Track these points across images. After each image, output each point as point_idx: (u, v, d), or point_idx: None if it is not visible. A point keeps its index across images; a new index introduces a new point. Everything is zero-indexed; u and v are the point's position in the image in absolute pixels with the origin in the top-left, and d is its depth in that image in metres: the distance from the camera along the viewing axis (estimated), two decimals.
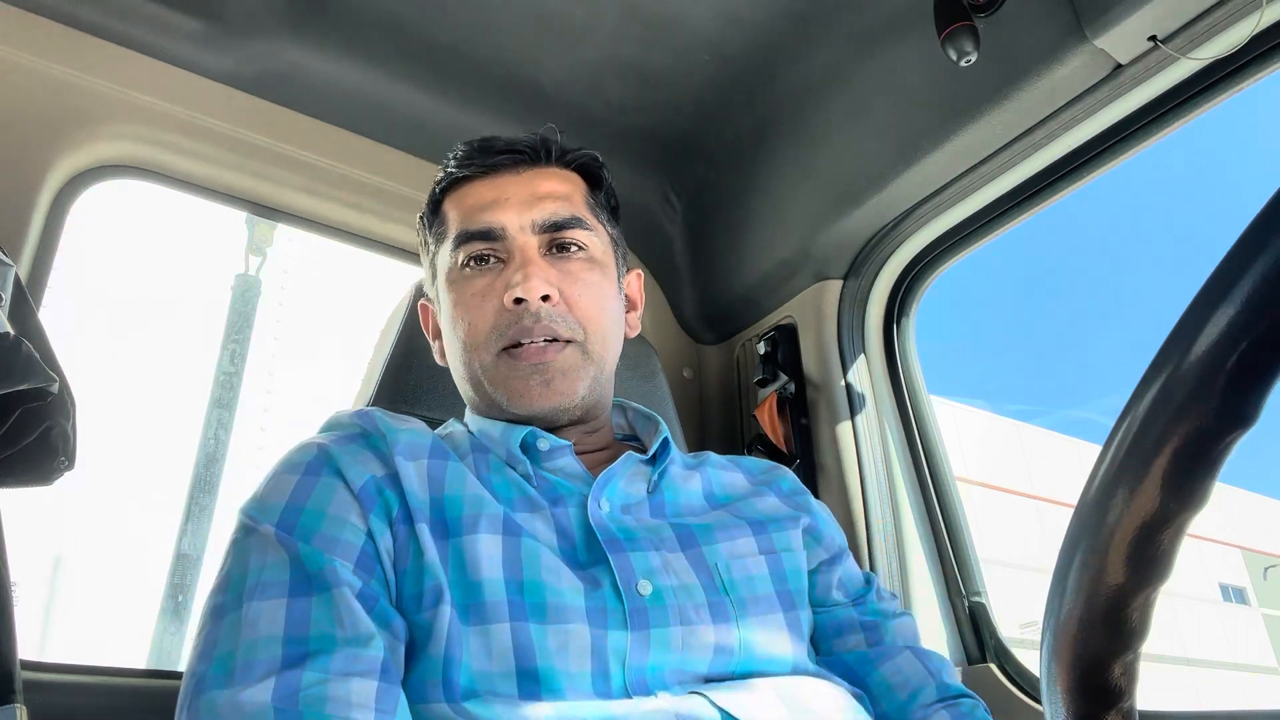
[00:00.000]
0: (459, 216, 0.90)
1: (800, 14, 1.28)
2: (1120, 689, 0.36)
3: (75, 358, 6.95)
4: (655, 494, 0.87)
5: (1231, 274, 0.30)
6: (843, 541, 0.95)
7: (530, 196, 0.89)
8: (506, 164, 0.91)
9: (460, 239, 0.88)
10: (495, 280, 0.86)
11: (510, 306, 0.83)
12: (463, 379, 0.90)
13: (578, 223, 0.89)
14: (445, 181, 0.94)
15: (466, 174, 0.92)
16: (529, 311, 0.83)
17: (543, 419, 0.86)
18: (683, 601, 0.74)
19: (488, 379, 0.86)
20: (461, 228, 0.88)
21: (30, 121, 1.17)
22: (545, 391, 0.83)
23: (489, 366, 0.85)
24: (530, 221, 0.87)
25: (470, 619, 0.69)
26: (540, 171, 0.92)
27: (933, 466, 1.40)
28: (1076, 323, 53.92)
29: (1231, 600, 17.40)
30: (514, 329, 0.83)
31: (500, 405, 0.86)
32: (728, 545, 0.82)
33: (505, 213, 0.87)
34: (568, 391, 0.85)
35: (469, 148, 0.93)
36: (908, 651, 0.86)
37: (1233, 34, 0.96)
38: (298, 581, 0.68)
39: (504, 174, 0.91)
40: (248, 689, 0.61)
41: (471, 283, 0.87)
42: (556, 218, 0.88)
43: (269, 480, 0.76)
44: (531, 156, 0.92)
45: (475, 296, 0.86)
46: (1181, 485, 0.32)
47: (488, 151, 0.92)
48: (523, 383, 0.83)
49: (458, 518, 0.74)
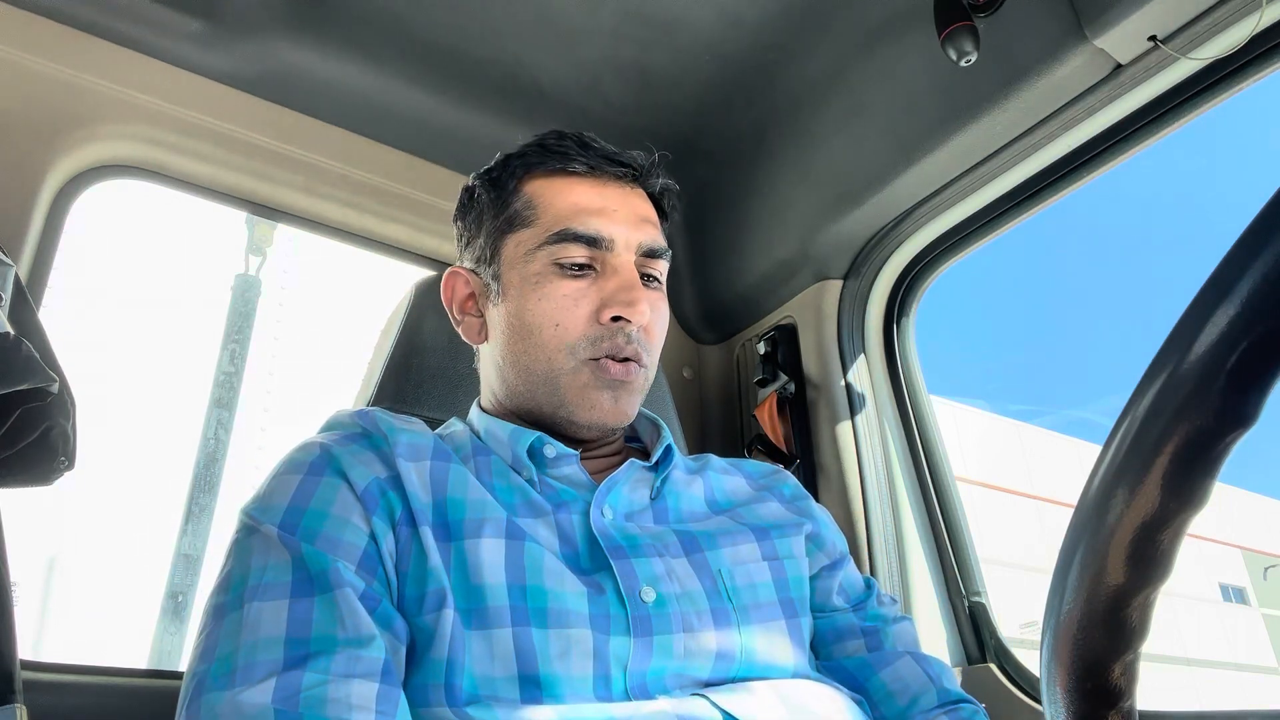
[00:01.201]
0: (560, 211, 0.85)
1: (800, 14, 1.28)
2: (1120, 689, 0.36)
3: (75, 358, 6.94)
4: (658, 500, 0.86)
5: (1231, 274, 0.30)
6: (844, 547, 0.95)
7: (636, 217, 0.87)
8: (617, 174, 0.89)
9: (561, 235, 0.84)
10: (590, 288, 0.83)
11: (606, 321, 0.82)
12: (520, 369, 0.86)
13: (665, 254, 0.89)
14: (538, 165, 0.89)
15: (574, 169, 0.88)
16: (623, 332, 0.82)
17: (598, 430, 0.85)
18: (685, 608, 0.74)
19: (563, 383, 0.83)
20: (566, 225, 0.84)
21: (30, 121, 1.17)
22: (614, 409, 0.83)
23: (569, 370, 0.83)
24: (637, 242, 0.86)
25: (472, 623, 0.69)
26: (637, 190, 0.90)
27: (933, 466, 1.40)
28: (1076, 323, 53.95)
29: (1231, 600, 17.40)
30: (608, 344, 0.82)
31: (558, 407, 0.84)
32: (730, 551, 0.82)
33: (616, 226, 0.85)
34: (629, 411, 0.85)
35: (574, 141, 0.89)
36: (908, 657, 0.86)
37: (1233, 34, 0.96)
38: (300, 582, 0.67)
39: (611, 183, 0.88)
40: (248, 690, 0.61)
41: (564, 283, 0.83)
42: (655, 246, 0.87)
43: (271, 480, 0.76)
44: (635, 175, 0.90)
45: (567, 299, 0.83)
46: (1181, 485, 0.32)
47: (597, 153, 0.89)
48: (598, 394, 0.82)
49: (460, 521, 0.74)
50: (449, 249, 1.49)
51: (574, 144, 0.89)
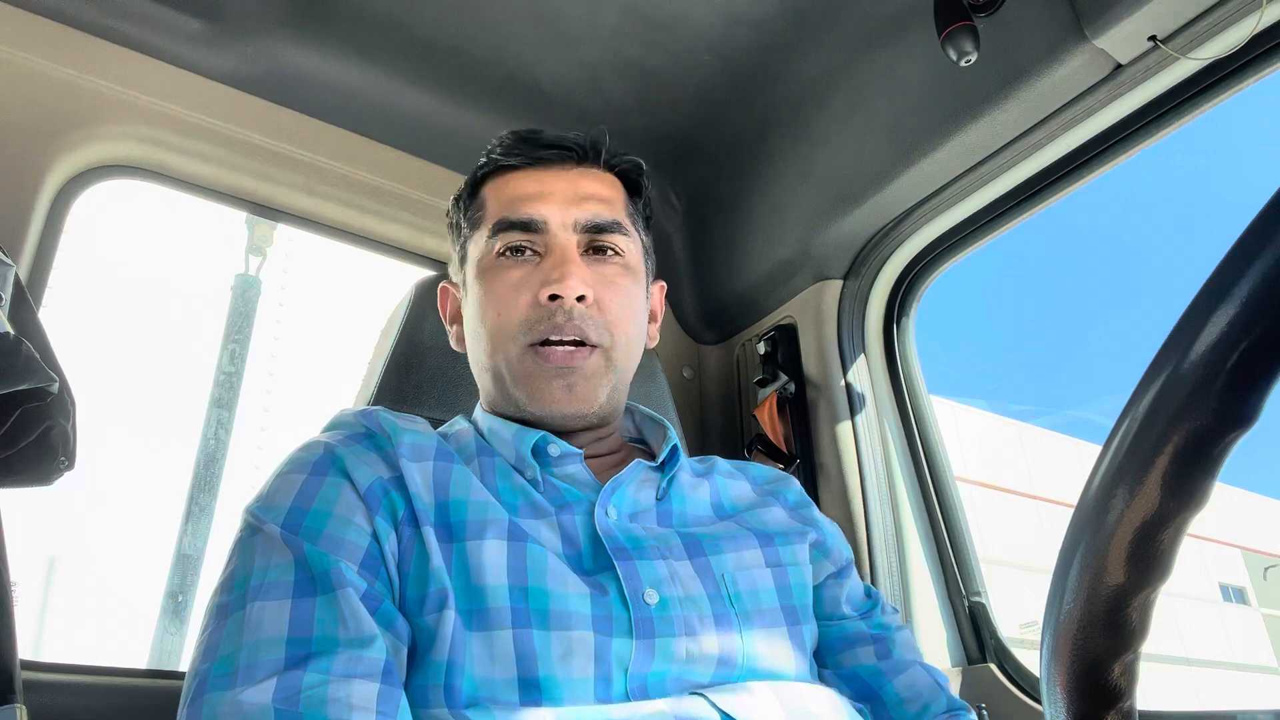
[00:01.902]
0: (499, 204, 0.89)
1: (800, 14, 1.28)
2: (1120, 689, 0.36)
3: (75, 358, 6.93)
4: (664, 502, 0.86)
5: (1231, 274, 0.30)
6: (849, 555, 0.95)
7: (575, 194, 0.88)
8: (554, 158, 0.90)
9: (499, 226, 0.87)
10: (531, 273, 0.84)
11: (544, 302, 0.82)
12: (484, 369, 0.89)
13: (618, 227, 0.88)
14: (488, 167, 0.92)
15: (511, 163, 0.90)
16: (562, 309, 0.82)
17: (558, 422, 0.85)
18: (688, 612, 0.74)
19: (510, 374, 0.84)
20: (502, 215, 0.87)
21: (30, 121, 1.17)
22: (567, 396, 0.82)
23: (514, 360, 0.84)
24: (573, 219, 0.86)
25: (473, 624, 0.69)
26: (585, 171, 0.91)
27: (933, 466, 1.40)
28: (1077, 323, 53.97)
29: (1231, 600, 17.40)
30: (545, 325, 0.82)
31: (517, 402, 0.85)
32: (734, 556, 0.81)
33: (548, 206, 0.86)
34: (589, 398, 0.84)
35: (515, 137, 0.92)
36: (917, 665, 0.87)
37: (1233, 34, 0.96)
38: (302, 582, 0.68)
39: (550, 168, 0.90)
40: (249, 689, 0.61)
41: (506, 273, 0.85)
42: (599, 219, 0.87)
43: (275, 479, 0.76)
44: (579, 155, 0.91)
45: (508, 287, 0.84)
46: (1181, 485, 0.32)
47: (535, 143, 0.91)
48: (546, 383, 0.82)
49: (462, 522, 0.74)
50: (449, 249, 1.49)
51: (514, 139, 0.91)
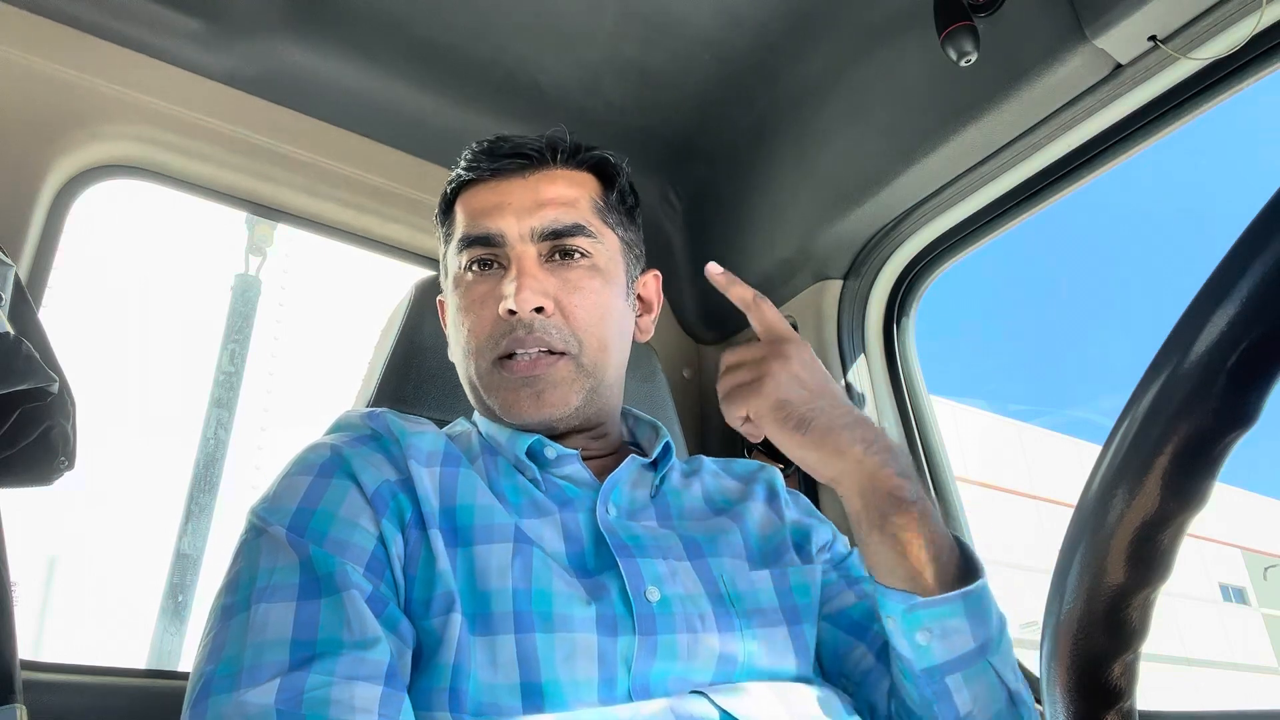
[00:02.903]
0: (464, 219, 0.89)
1: (800, 14, 1.28)
2: (1120, 689, 0.36)
3: (75, 358, 6.91)
4: (658, 498, 0.87)
5: (1231, 274, 0.30)
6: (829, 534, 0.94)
7: (532, 203, 0.87)
8: (512, 167, 0.89)
9: (463, 242, 0.88)
10: (494, 288, 0.85)
11: (504, 316, 0.83)
12: (464, 380, 0.91)
13: (579, 230, 0.87)
14: (455, 183, 0.93)
15: (473, 176, 0.91)
16: (522, 323, 0.82)
17: (534, 429, 0.85)
18: (689, 610, 0.75)
19: (483, 386, 0.86)
20: (465, 231, 0.88)
21: (30, 121, 1.17)
22: (536, 404, 0.83)
23: (484, 374, 0.85)
24: (530, 229, 0.85)
25: (477, 629, 0.69)
26: (547, 175, 0.90)
27: (933, 466, 1.40)
28: (1076, 323, 53.96)
29: (1231, 600, 17.40)
30: (507, 339, 0.83)
31: (494, 412, 0.87)
32: (731, 559, 0.82)
33: (505, 219, 0.86)
34: (559, 404, 0.83)
35: (478, 148, 0.92)
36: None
37: (1233, 34, 0.96)
38: (307, 584, 0.68)
39: (510, 178, 0.89)
40: (253, 690, 0.61)
41: (474, 288, 0.87)
42: (557, 225, 0.86)
43: (281, 481, 0.76)
44: (538, 159, 0.90)
45: (475, 302, 0.86)
46: (1181, 485, 0.32)
47: (495, 154, 0.90)
48: (514, 394, 0.83)
49: (469, 527, 0.74)
50: None
51: (483, 151, 0.91)
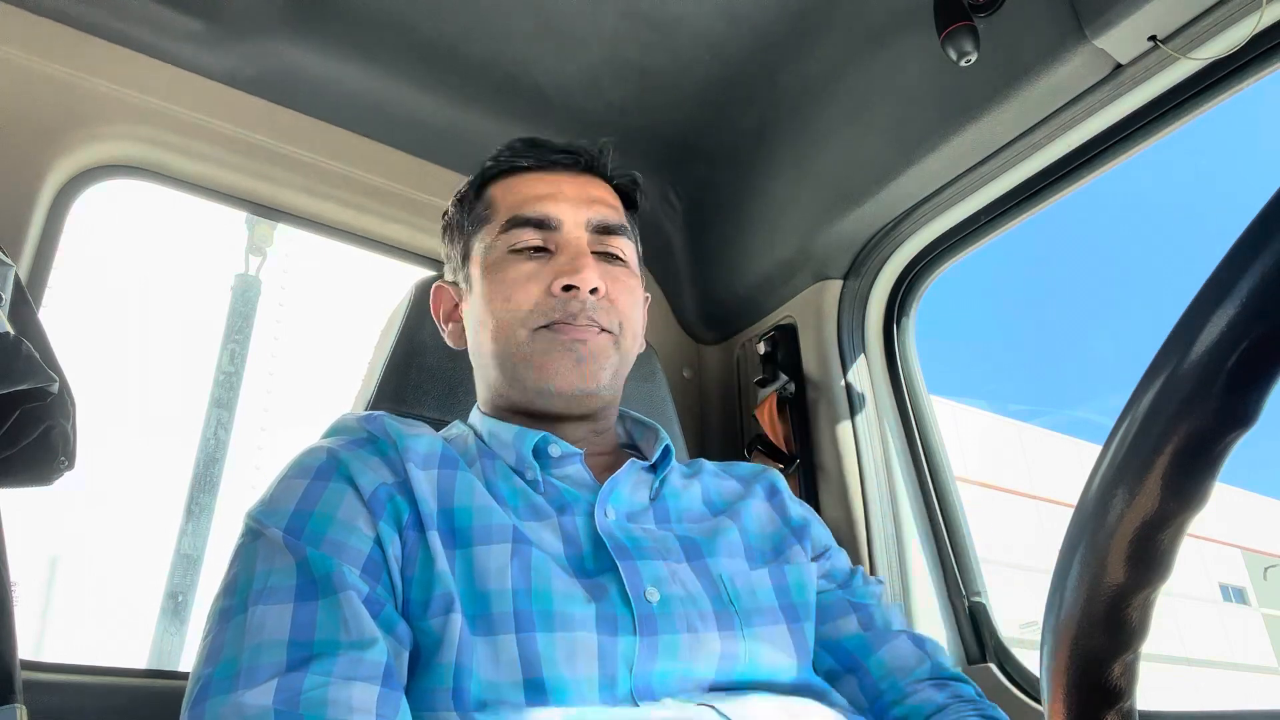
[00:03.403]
0: (510, 203, 0.91)
1: (800, 14, 1.28)
2: (1120, 689, 0.36)
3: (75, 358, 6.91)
4: (658, 501, 0.88)
5: (1231, 274, 0.30)
6: (829, 540, 0.96)
7: (586, 197, 0.91)
8: (564, 162, 0.94)
9: (511, 223, 0.89)
10: (542, 268, 0.87)
11: (557, 293, 0.84)
12: (488, 357, 0.89)
13: (624, 230, 0.93)
14: (497, 169, 0.95)
15: (522, 165, 0.94)
16: (577, 299, 0.84)
17: (565, 399, 0.86)
18: (689, 610, 0.75)
19: (519, 354, 0.86)
20: (515, 213, 0.89)
21: (30, 121, 1.17)
22: (576, 369, 0.84)
23: (524, 341, 0.85)
24: (586, 219, 0.89)
25: (478, 629, 0.69)
26: (591, 179, 0.95)
27: (933, 466, 1.40)
28: (1076, 323, 53.95)
29: (1231, 600, 17.40)
30: (559, 312, 0.84)
31: (524, 383, 0.86)
32: (729, 560, 0.83)
33: (561, 207, 0.89)
34: (595, 375, 0.85)
35: (524, 142, 0.95)
36: (904, 636, 0.88)
37: (1233, 34, 0.96)
38: (304, 586, 0.68)
39: (560, 171, 0.93)
40: (250, 691, 0.61)
41: (518, 266, 0.87)
42: (609, 221, 0.91)
43: (277, 484, 0.76)
44: (585, 163, 0.95)
45: (520, 279, 0.86)
46: (1181, 485, 0.32)
47: (546, 148, 0.94)
48: (557, 357, 0.84)
49: (467, 528, 0.75)
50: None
51: (523, 144, 0.95)
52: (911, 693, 0.83)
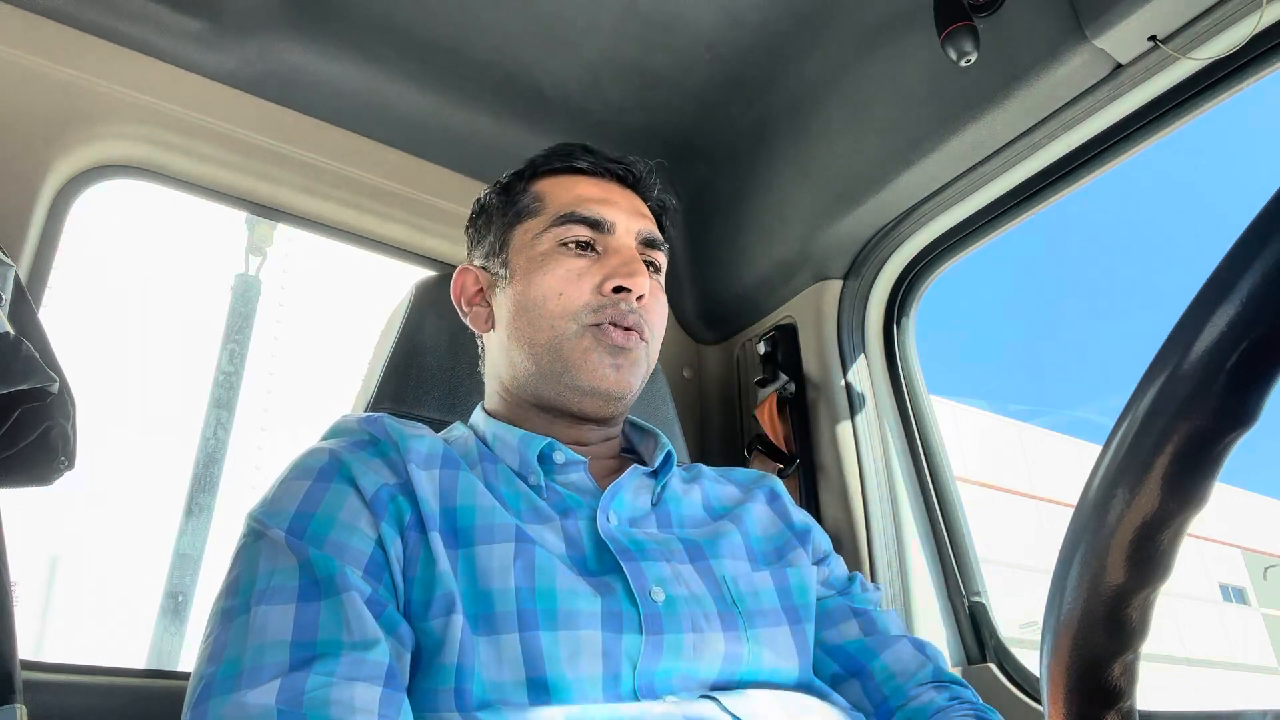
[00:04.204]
0: (565, 200, 0.93)
1: (800, 14, 1.28)
2: (1120, 689, 0.36)
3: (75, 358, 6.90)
4: (660, 506, 0.89)
5: (1231, 274, 0.30)
6: (828, 546, 0.98)
7: (636, 210, 0.95)
8: (618, 172, 0.97)
9: (565, 219, 0.90)
10: (592, 267, 0.89)
11: (607, 293, 0.87)
12: (525, 344, 0.89)
13: (663, 246, 0.96)
14: (548, 165, 0.97)
15: (579, 166, 0.96)
16: (625, 302, 0.87)
17: (597, 399, 0.87)
18: (694, 609, 0.76)
19: (565, 348, 0.86)
20: (570, 209, 0.91)
21: (30, 121, 1.17)
22: (615, 375, 0.86)
23: (571, 335, 0.86)
24: (637, 230, 0.93)
25: (480, 628, 0.69)
26: (636, 195, 0.98)
27: (933, 466, 1.40)
28: (1076, 323, 53.93)
29: (1231, 600, 17.40)
30: (610, 311, 0.86)
31: (559, 376, 0.86)
32: (732, 561, 0.84)
33: (616, 212, 0.92)
34: (630, 383, 0.88)
35: (580, 147, 0.98)
36: (905, 640, 0.89)
37: (1233, 34, 0.96)
38: (307, 587, 0.68)
39: (613, 181, 0.97)
40: (253, 691, 0.61)
41: (569, 260, 0.89)
42: (654, 236, 0.94)
43: (279, 485, 0.76)
44: (635, 179, 0.98)
45: (571, 273, 0.88)
46: (1181, 485, 0.32)
47: (599, 155, 0.98)
48: (600, 359, 0.86)
49: (470, 528, 0.75)
50: (449, 249, 1.49)
51: (579, 148, 0.98)
52: (915, 695, 0.84)
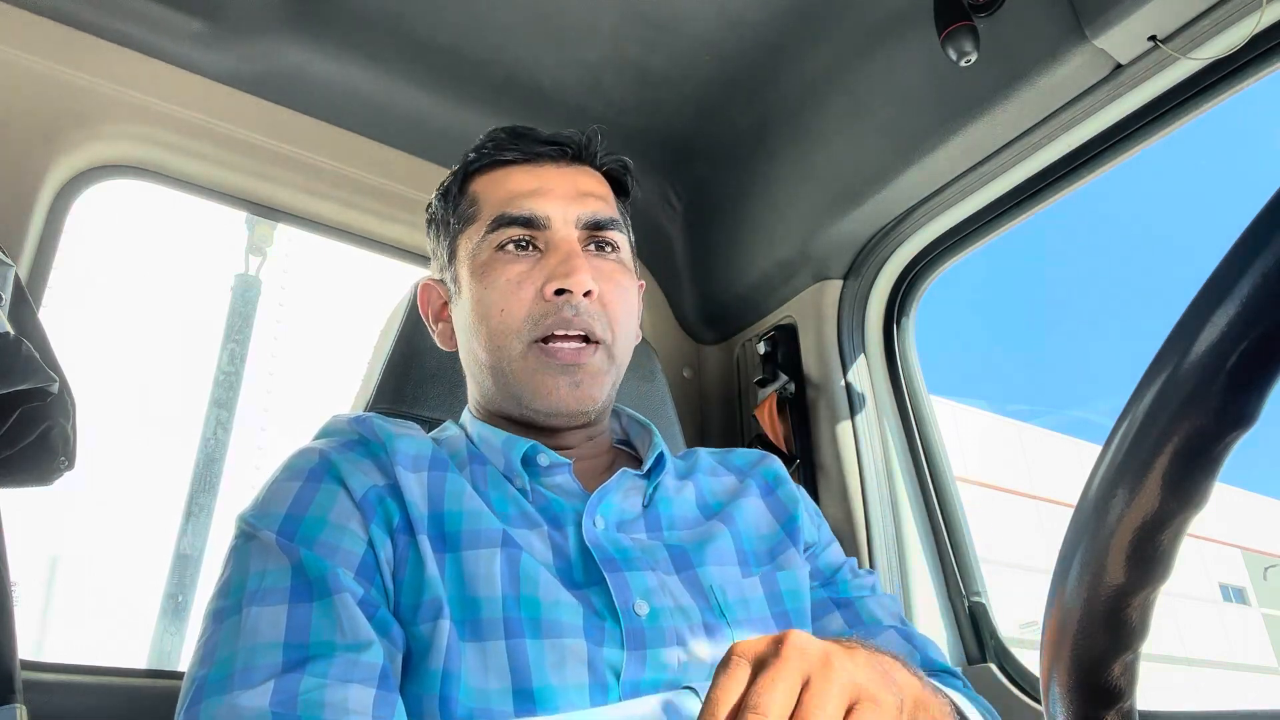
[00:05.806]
0: (496, 200, 0.87)
1: (800, 14, 1.28)
2: (1120, 689, 0.36)
3: (75, 358, 6.91)
4: (650, 508, 0.85)
5: (1231, 274, 0.30)
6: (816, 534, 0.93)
7: (575, 191, 0.88)
8: (551, 155, 0.90)
9: (498, 222, 0.85)
10: (533, 269, 0.83)
11: (549, 297, 0.81)
12: (480, 366, 0.87)
13: (615, 224, 0.89)
14: (480, 162, 0.91)
15: (506, 158, 0.90)
16: (569, 304, 0.81)
17: (559, 420, 0.84)
18: (679, 622, 0.74)
19: (513, 370, 0.83)
20: (501, 211, 0.86)
21: (30, 121, 1.16)
22: (574, 394, 0.82)
23: (517, 357, 0.82)
24: (575, 215, 0.86)
25: (467, 634, 0.69)
26: (580, 169, 0.91)
27: (933, 466, 1.40)
28: (1076, 323, 53.93)
29: (1231, 600, 17.40)
30: (552, 319, 0.81)
31: (518, 399, 0.84)
32: (721, 569, 0.80)
33: (549, 203, 0.86)
34: (594, 396, 0.83)
35: (508, 133, 0.91)
36: (893, 630, 0.85)
37: (1233, 34, 0.96)
38: (299, 587, 0.67)
39: (546, 164, 0.90)
40: (246, 693, 0.61)
41: (507, 268, 0.84)
42: (599, 216, 0.87)
43: (269, 487, 0.76)
44: (574, 153, 0.91)
45: (510, 283, 0.83)
46: (1181, 485, 0.32)
47: (531, 139, 0.90)
48: (553, 380, 0.81)
49: (457, 532, 0.74)
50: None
51: (507, 136, 0.91)
52: None
